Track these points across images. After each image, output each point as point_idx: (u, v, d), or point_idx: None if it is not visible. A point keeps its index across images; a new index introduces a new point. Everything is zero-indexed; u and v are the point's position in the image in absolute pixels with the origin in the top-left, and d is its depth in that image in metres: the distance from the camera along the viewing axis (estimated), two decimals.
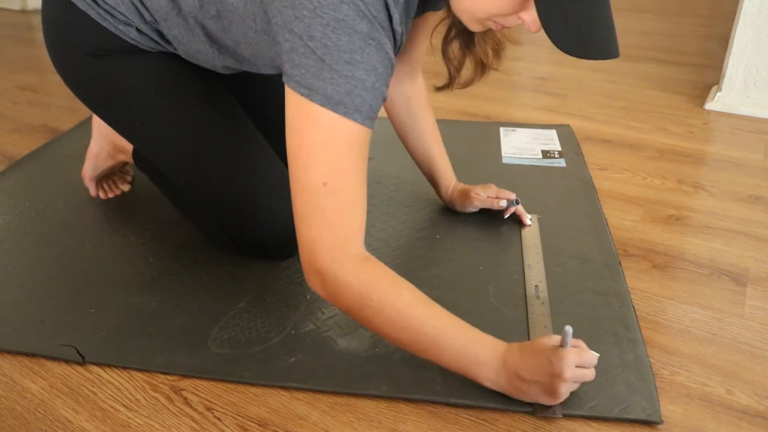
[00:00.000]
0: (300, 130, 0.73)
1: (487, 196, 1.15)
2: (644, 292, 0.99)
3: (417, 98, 1.13)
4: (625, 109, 1.77)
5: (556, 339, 0.74)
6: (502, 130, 1.60)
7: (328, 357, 0.85)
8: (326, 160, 0.72)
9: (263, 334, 0.89)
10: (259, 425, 0.76)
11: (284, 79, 0.74)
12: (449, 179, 1.18)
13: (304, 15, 0.68)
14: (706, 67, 2.16)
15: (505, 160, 1.42)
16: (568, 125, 1.64)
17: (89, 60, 0.97)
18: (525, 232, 1.13)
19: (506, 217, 1.15)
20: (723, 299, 0.98)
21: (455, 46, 0.91)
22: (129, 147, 1.20)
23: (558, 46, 0.69)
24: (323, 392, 0.80)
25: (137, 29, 0.94)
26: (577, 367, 0.72)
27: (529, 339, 0.87)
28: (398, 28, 0.75)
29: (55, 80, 2.05)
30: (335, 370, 0.83)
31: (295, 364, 0.84)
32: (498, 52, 0.93)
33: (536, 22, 0.71)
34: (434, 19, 0.95)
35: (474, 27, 0.79)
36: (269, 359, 0.85)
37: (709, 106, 1.77)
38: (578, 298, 0.96)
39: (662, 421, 0.75)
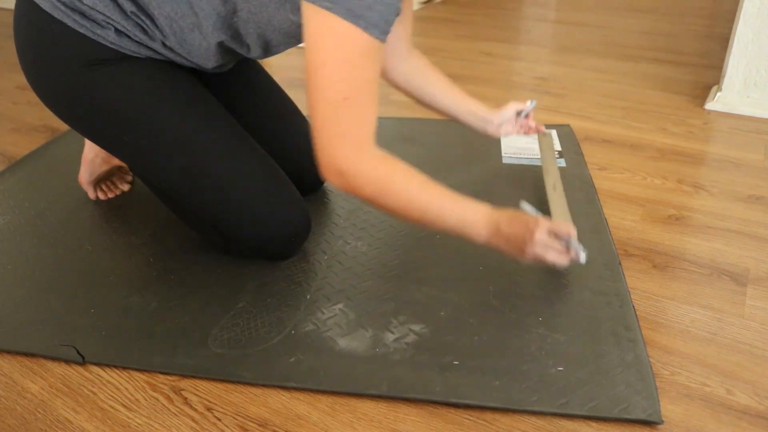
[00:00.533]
0: (322, 46, 0.78)
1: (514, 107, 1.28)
2: (644, 292, 0.99)
3: (421, 66, 1.19)
4: (625, 109, 1.77)
5: (538, 216, 0.89)
6: None
7: (328, 357, 0.85)
8: (347, 75, 0.79)
9: (263, 334, 0.89)
10: (259, 425, 0.76)
11: None
12: (484, 105, 1.26)
13: None
14: (707, 67, 2.16)
15: (505, 160, 1.42)
16: (568, 125, 1.64)
17: (71, 75, 0.95)
18: (542, 144, 1.28)
19: (531, 122, 1.28)
20: (723, 299, 0.98)
21: None
22: None
23: None
24: (323, 392, 0.80)
25: (116, 30, 0.92)
26: (549, 239, 0.87)
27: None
28: None
29: None
30: (335, 370, 0.83)
31: (295, 364, 0.84)
32: None
33: None
34: None
35: None
36: (269, 359, 0.85)
37: (710, 106, 1.77)
38: (578, 297, 0.96)
39: (662, 421, 0.75)
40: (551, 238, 0.87)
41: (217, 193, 0.98)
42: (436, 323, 0.91)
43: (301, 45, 0.88)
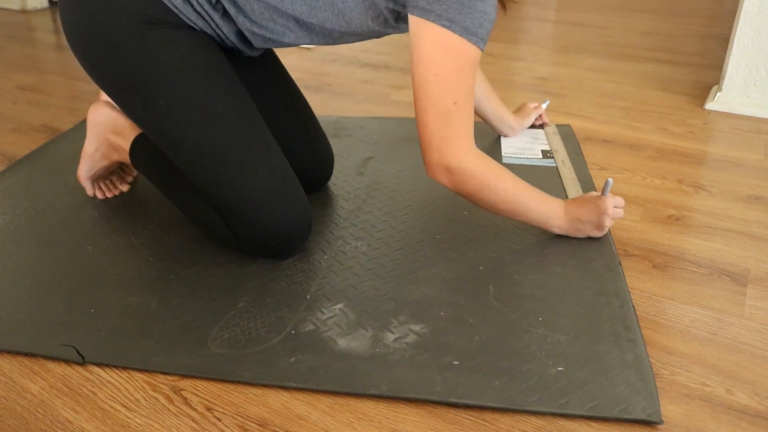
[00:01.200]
0: (438, 59, 0.89)
1: (532, 106, 1.57)
2: (644, 292, 0.99)
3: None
4: (625, 109, 1.77)
5: (595, 193, 1.08)
6: None
7: (328, 357, 0.85)
8: (460, 84, 0.92)
9: (263, 334, 0.89)
10: (259, 425, 0.76)
11: (417, 12, 0.88)
12: (511, 113, 1.51)
13: None
14: (707, 67, 2.16)
15: (505, 160, 1.42)
16: (568, 125, 1.64)
17: (130, 29, 0.96)
18: (549, 133, 1.54)
19: (547, 119, 1.59)
20: (723, 299, 0.98)
21: None
22: (124, 146, 1.19)
23: None
24: (323, 392, 0.80)
25: None
26: (615, 207, 1.06)
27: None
28: None
29: (55, 80, 2.06)
30: (335, 370, 0.83)
31: (295, 364, 0.84)
32: None
33: None
34: None
35: None
36: (269, 359, 0.85)
37: (710, 106, 1.77)
38: (578, 297, 0.96)
39: (662, 421, 0.75)
40: (617, 210, 1.07)
41: (230, 180, 0.99)
42: (436, 323, 0.91)
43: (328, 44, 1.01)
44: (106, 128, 1.20)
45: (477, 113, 1.38)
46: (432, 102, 0.92)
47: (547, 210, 1.05)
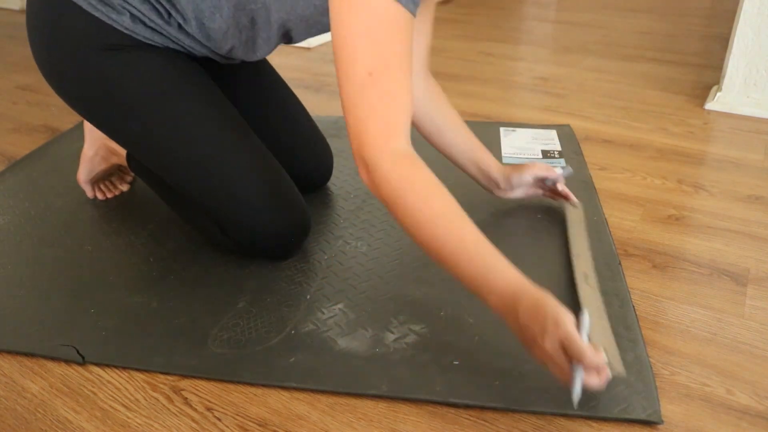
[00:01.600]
0: (346, 17, 0.73)
1: (540, 169, 1.14)
2: (644, 292, 0.99)
3: (437, 93, 1.11)
4: (625, 109, 1.77)
5: (572, 319, 0.69)
6: (502, 130, 1.60)
7: (328, 357, 0.85)
8: (371, 49, 0.73)
9: (263, 334, 0.89)
10: (259, 425, 0.76)
11: None
12: (497, 162, 1.15)
13: None
14: (706, 67, 2.16)
15: (505, 160, 1.42)
16: (568, 125, 1.64)
17: (89, 58, 0.94)
18: (572, 219, 1.12)
19: (561, 189, 1.15)
20: (723, 299, 0.98)
21: None
22: (122, 151, 1.20)
23: None
24: (323, 392, 0.80)
25: (131, 15, 0.91)
26: (567, 348, 0.66)
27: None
28: None
29: None
30: (335, 370, 0.83)
31: (295, 364, 0.84)
32: None
33: None
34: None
35: None
36: (269, 359, 0.85)
37: (709, 106, 1.77)
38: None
39: (662, 421, 0.75)
40: (559, 352, 0.67)
41: (218, 189, 0.99)
42: (436, 323, 0.91)
43: (315, 38, 0.88)
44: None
45: (446, 153, 1.14)
46: (343, 71, 0.74)
47: (485, 274, 0.74)
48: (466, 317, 0.92)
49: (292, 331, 0.89)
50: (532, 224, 1.15)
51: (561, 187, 1.15)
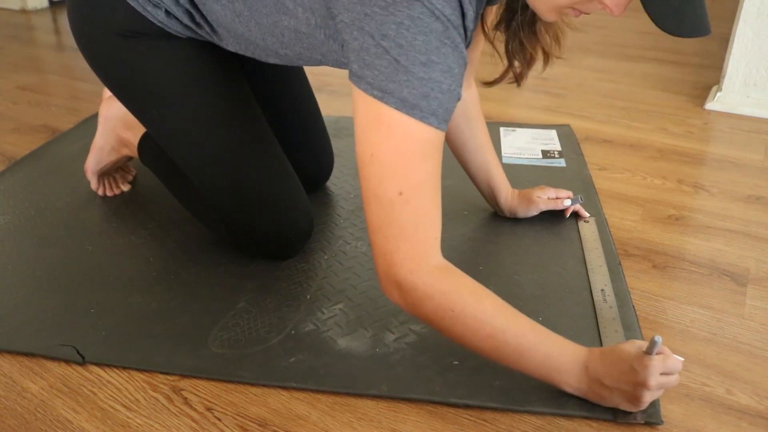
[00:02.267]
0: (373, 137, 0.70)
1: (548, 197, 1.14)
2: (644, 292, 0.99)
3: (474, 104, 1.10)
4: (625, 109, 1.77)
5: (638, 345, 0.72)
6: (502, 130, 1.59)
7: (328, 357, 0.85)
8: (402, 170, 0.69)
9: (263, 334, 0.89)
10: (259, 425, 0.76)
11: (352, 79, 0.70)
12: (508, 186, 1.14)
13: (376, 12, 0.65)
14: (707, 67, 2.16)
15: (505, 160, 1.42)
16: (568, 125, 1.64)
17: (115, 40, 0.94)
18: (585, 235, 1.12)
19: (567, 216, 1.16)
20: (723, 299, 0.98)
21: (517, 38, 0.88)
22: (134, 141, 1.20)
23: (658, 25, 0.64)
24: (323, 392, 0.80)
25: (166, 11, 0.91)
26: (661, 374, 0.70)
27: (601, 345, 0.84)
28: (470, 25, 0.71)
29: (55, 80, 2.05)
30: (335, 370, 0.83)
31: (295, 364, 0.84)
32: (558, 40, 0.92)
33: (619, 6, 0.66)
34: (490, 15, 0.92)
35: (550, 17, 0.75)
36: (269, 359, 0.85)
37: (710, 106, 1.77)
38: (578, 297, 0.96)
39: (662, 422, 0.75)
40: (664, 378, 0.71)
41: (229, 186, 0.99)
42: None
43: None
44: (117, 123, 1.22)
45: (463, 163, 1.13)
46: (371, 190, 0.71)
47: (552, 361, 0.73)
48: None
49: (292, 331, 0.89)
50: (543, 231, 1.15)
51: (568, 213, 1.16)
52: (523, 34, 0.87)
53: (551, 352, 0.73)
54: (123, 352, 0.86)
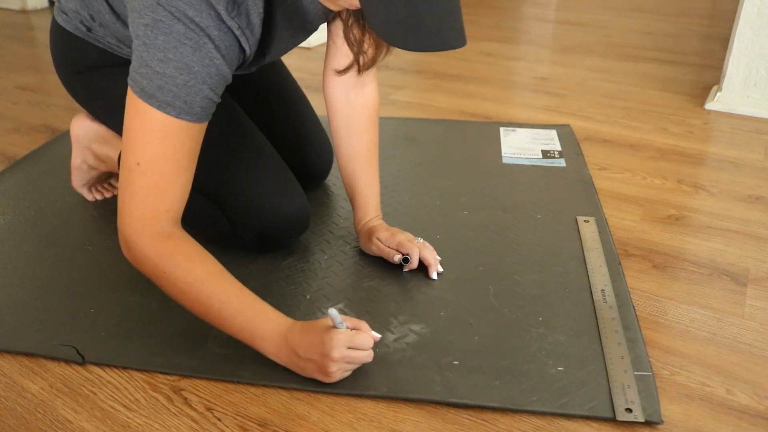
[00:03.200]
0: (127, 114, 0.80)
1: (387, 246, 1.03)
2: (644, 292, 0.99)
3: (362, 109, 1.06)
4: (625, 109, 1.77)
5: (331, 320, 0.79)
6: (502, 130, 1.60)
7: None
8: (140, 145, 0.79)
9: None
10: (259, 425, 0.76)
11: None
12: (365, 211, 1.07)
13: (133, 16, 0.76)
14: (707, 67, 2.16)
15: (505, 160, 1.42)
16: (568, 125, 1.64)
17: (90, 71, 1.07)
18: (585, 235, 1.10)
19: (405, 271, 1.02)
20: (723, 299, 0.98)
21: (355, 30, 0.95)
22: (113, 155, 1.19)
23: (379, 35, 0.68)
24: (323, 392, 0.80)
25: (86, 28, 1.02)
26: (351, 348, 0.77)
27: (601, 345, 0.86)
28: (232, 23, 0.77)
29: (55, 80, 2.05)
30: None
31: None
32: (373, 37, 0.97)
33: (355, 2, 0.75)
34: (338, 21, 0.99)
35: (332, 6, 0.84)
36: (269, 359, 0.84)
37: (710, 106, 1.77)
38: (578, 297, 0.96)
39: (662, 421, 0.75)
40: (347, 354, 0.77)
41: (222, 181, 1.01)
42: (436, 323, 0.91)
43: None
44: (90, 140, 1.21)
45: (341, 170, 1.08)
46: (122, 156, 0.81)
47: (254, 328, 0.80)
48: (466, 318, 0.92)
49: None
50: (543, 231, 1.15)
51: (408, 269, 1.03)
52: (359, 24, 0.95)
53: (254, 319, 0.81)
54: (123, 352, 0.86)
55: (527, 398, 0.78)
